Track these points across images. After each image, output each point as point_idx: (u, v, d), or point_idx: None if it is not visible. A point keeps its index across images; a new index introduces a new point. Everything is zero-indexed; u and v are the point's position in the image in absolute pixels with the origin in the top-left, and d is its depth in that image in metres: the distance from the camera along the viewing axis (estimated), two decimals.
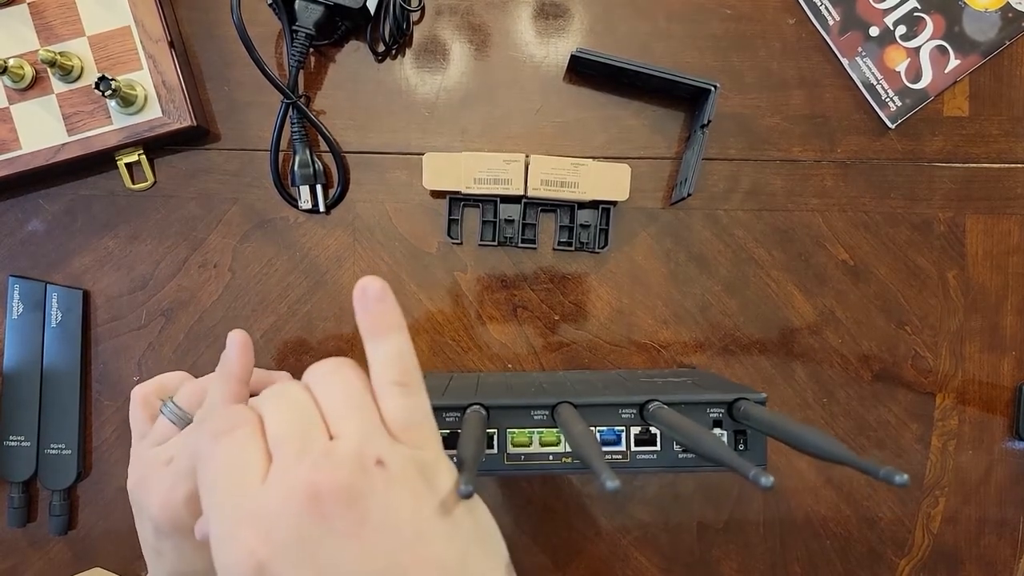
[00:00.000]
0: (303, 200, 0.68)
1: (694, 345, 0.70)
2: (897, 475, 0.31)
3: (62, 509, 0.67)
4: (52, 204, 0.68)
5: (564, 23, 0.69)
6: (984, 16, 0.68)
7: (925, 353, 0.70)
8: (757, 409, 0.46)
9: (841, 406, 0.70)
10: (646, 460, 0.49)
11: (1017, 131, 0.70)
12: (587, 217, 0.69)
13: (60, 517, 0.67)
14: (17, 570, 0.68)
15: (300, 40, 0.64)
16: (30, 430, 0.66)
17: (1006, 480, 0.71)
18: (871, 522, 0.70)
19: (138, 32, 0.64)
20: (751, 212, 0.70)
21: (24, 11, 0.63)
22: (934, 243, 0.70)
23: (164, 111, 0.64)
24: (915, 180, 0.70)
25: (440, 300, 0.69)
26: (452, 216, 0.68)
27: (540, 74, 0.69)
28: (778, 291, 0.70)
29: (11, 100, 0.64)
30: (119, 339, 0.68)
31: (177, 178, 0.69)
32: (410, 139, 0.69)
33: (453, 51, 0.69)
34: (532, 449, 0.49)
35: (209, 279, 0.69)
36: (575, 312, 0.70)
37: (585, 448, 0.39)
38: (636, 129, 0.69)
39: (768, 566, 0.70)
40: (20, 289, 0.67)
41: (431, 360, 0.69)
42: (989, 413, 0.71)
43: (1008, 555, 0.71)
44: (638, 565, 0.70)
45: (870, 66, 0.69)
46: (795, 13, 0.69)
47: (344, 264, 0.69)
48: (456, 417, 0.49)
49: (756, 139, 0.70)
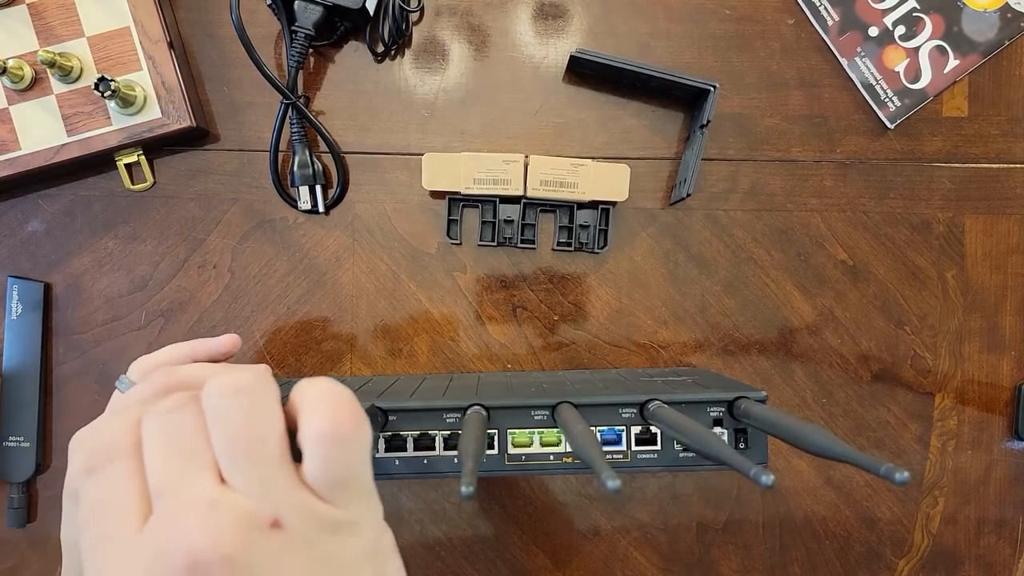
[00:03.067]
0: (302, 201, 0.68)
1: (693, 345, 0.70)
2: (898, 472, 0.31)
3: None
4: (52, 204, 0.68)
5: (563, 23, 0.69)
6: (983, 16, 0.68)
7: (924, 353, 0.70)
8: (758, 407, 0.46)
9: (840, 406, 0.70)
10: (647, 460, 0.49)
11: (1016, 131, 0.70)
12: (586, 217, 0.69)
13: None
14: (17, 570, 0.68)
15: (299, 41, 0.64)
16: (30, 430, 0.66)
17: (1005, 480, 0.71)
18: (870, 522, 0.70)
19: (137, 33, 0.64)
20: (750, 212, 0.70)
21: (23, 12, 0.63)
22: (933, 243, 0.70)
23: (163, 112, 0.64)
24: (914, 180, 0.70)
25: (439, 300, 0.69)
26: (451, 216, 0.68)
27: (539, 74, 0.69)
28: (777, 291, 0.70)
29: (11, 101, 0.64)
30: (119, 339, 0.68)
31: (177, 179, 0.69)
32: (409, 139, 0.69)
33: (452, 52, 0.69)
34: (533, 449, 0.49)
35: (208, 279, 0.69)
36: (574, 312, 0.70)
37: (586, 448, 0.39)
38: (635, 129, 0.70)
39: (767, 566, 0.70)
40: (19, 289, 0.67)
41: (430, 360, 0.69)
42: (988, 413, 0.71)
43: (1007, 555, 0.71)
44: (637, 565, 0.70)
45: (869, 66, 0.69)
46: (794, 13, 0.69)
47: (343, 264, 0.69)
48: (457, 418, 0.49)
49: (755, 139, 0.70)
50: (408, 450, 0.48)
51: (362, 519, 0.31)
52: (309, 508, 0.29)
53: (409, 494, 0.69)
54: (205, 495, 0.27)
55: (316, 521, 0.29)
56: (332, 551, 0.29)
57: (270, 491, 0.28)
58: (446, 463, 0.49)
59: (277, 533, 0.28)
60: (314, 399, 0.31)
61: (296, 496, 0.29)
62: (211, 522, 0.27)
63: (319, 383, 0.31)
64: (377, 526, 0.33)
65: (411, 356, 0.69)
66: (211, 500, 0.27)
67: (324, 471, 0.30)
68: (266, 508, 0.28)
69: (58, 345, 0.68)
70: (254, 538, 0.27)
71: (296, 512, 0.28)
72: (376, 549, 0.32)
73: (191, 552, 0.26)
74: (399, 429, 0.48)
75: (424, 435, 0.49)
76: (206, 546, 0.26)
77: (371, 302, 0.69)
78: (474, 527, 0.69)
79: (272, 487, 0.29)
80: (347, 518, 0.30)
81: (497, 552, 0.69)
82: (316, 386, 0.31)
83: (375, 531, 0.32)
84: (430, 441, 0.49)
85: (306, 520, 0.29)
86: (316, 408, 0.30)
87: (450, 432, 0.49)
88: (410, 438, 0.48)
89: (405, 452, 0.48)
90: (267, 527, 0.27)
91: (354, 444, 0.31)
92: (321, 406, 0.30)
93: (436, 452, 0.49)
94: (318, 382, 0.31)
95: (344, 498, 0.30)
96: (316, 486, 0.30)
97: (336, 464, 0.30)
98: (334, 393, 0.31)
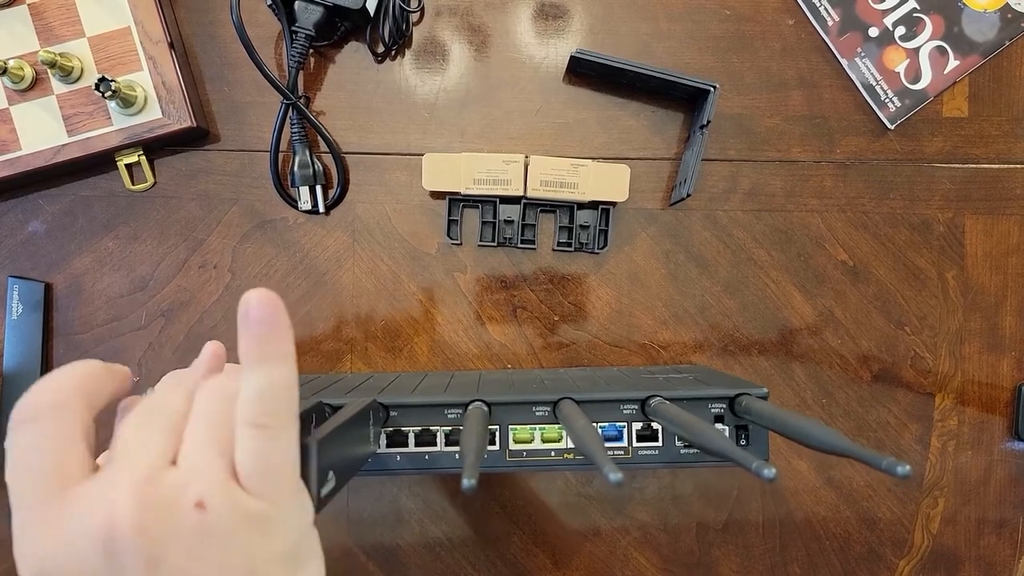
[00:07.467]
0: (303, 201, 0.68)
1: (693, 345, 0.70)
2: (899, 466, 0.31)
3: None
4: (52, 205, 0.68)
5: (564, 24, 0.70)
6: (983, 17, 0.68)
7: (924, 353, 0.70)
8: (759, 404, 0.46)
9: (840, 407, 0.70)
10: (648, 456, 0.49)
11: (1016, 131, 0.70)
12: (586, 218, 0.69)
13: None
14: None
15: (300, 41, 0.64)
16: None
17: (1005, 480, 0.71)
18: (870, 523, 0.70)
19: (138, 33, 0.64)
20: (750, 212, 0.70)
21: (24, 12, 0.64)
22: (933, 243, 0.70)
23: (164, 112, 0.64)
24: (914, 181, 0.70)
25: (440, 301, 0.69)
26: (452, 217, 0.69)
27: (540, 75, 0.70)
28: (777, 291, 0.70)
29: (11, 101, 0.64)
30: (119, 339, 0.68)
31: (177, 179, 0.69)
32: (410, 140, 0.69)
33: (453, 52, 0.69)
34: (534, 445, 0.49)
35: (209, 280, 0.69)
36: (575, 312, 0.70)
37: (587, 442, 0.39)
38: (635, 130, 0.70)
39: (767, 566, 0.70)
40: (20, 290, 0.66)
41: (430, 361, 0.69)
42: (988, 414, 0.71)
43: (1007, 555, 0.71)
44: (637, 565, 0.70)
45: (869, 67, 0.69)
46: (794, 14, 0.69)
47: (344, 265, 0.69)
48: (458, 414, 0.49)
49: (755, 140, 0.70)
50: (409, 446, 0.49)
51: (285, 518, 0.31)
52: (232, 497, 0.29)
53: (409, 494, 0.69)
54: (145, 470, 0.28)
55: (238, 511, 0.29)
56: (248, 544, 0.29)
57: (204, 476, 0.29)
58: (447, 459, 0.49)
59: (199, 515, 0.28)
60: (249, 389, 0.31)
61: (226, 485, 0.30)
62: (138, 494, 0.27)
63: (259, 375, 0.31)
64: (300, 528, 0.33)
65: (411, 356, 0.69)
66: (148, 475, 0.28)
67: (247, 459, 0.30)
68: (196, 488, 0.29)
69: (58, 345, 0.68)
70: (174, 517, 0.28)
71: (220, 498, 0.29)
72: (294, 552, 0.32)
73: (110, 517, 0.27)
74: (400, 425, 0.49)
75: (425, 431, 0.49)
76: (125, 515, 0.27)
77: (371, 302, 0.69)
78: (474, 527, 0.69)
79: (206, 472, 0.29)
80: (269, 514, 0.30)
81: (497, 552, 0.69)
82: (254, 376, 0.31)
83: (297, 533, 0.32)
84: (431, 437, 0.49)
85: (229, 508, 0.29)
86: (249, 400, 0.31)
87: (451, 428, 0.49)
88: (411, 434, 0.49)
89: (406, 448, 0.48)
90: (190, 507, 0.28)
91: (278, 438, 0.31)
92: (252, 397, 0.31)
93: (437, 448, 0.49)
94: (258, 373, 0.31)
95: (269, 493, 0.31)
96: (244, 477, 0.30)
97: (258, 456, 0.30)
98: (268, 392, 0.31)
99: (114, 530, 0.27)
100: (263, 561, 0.30)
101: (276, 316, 0.31)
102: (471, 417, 0.44)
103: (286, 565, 0.31)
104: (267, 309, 0.30)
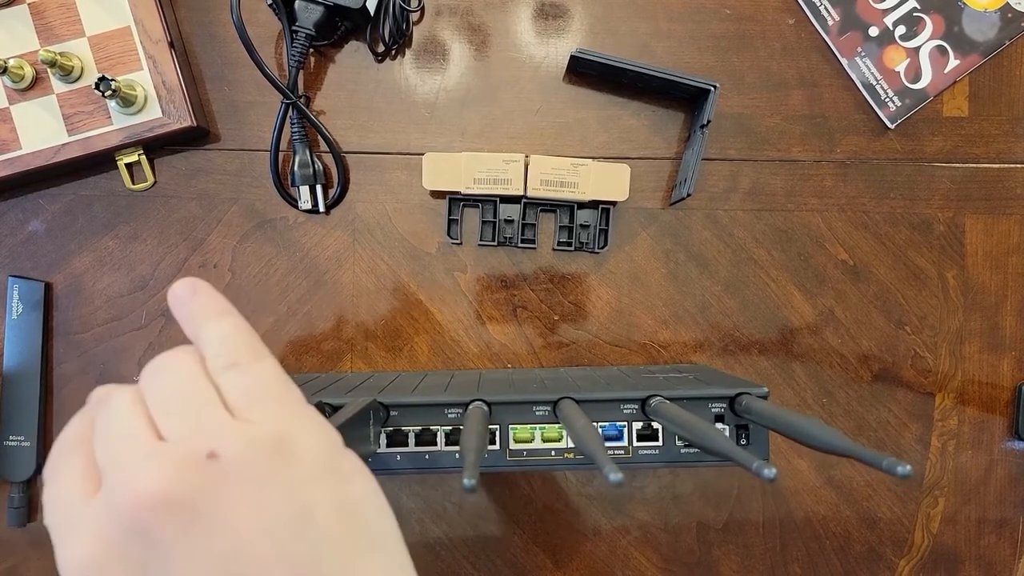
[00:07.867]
0: (303, 200, 0.68)
1: (694, 345, 0.70)
2: (900, 466, 0.31)
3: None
4: (52, 204, 0.68)
5: (564, 23, 0.70)
6: (984, 16, 0.68)
7: (925, 353, 0.70)
8: (759, 403, 0.46)
9: (841, 406, 0.70)
10: (648, 455, 0.49)
11: (1016, 131, 0.70)
12: (587, 217, 0.69)
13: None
14: (17, 570, 0.67)
15: (300, 40, 0.64)
16: (30, 430, 0.66)
17: (1006, 480, 0.71)
18: (870, 522, 0.70)
19: (138, 32, 0.64)
20: (751, 212, 0.70)
21: (24, 11, 0.64)
22: (933, 243, 0.70)
23: (164, 111, 0.64)
24: (914, 180, 0.70)
25: (440, 300, 0.69)
26: (452, 216, 0.68)
27: (540, 74, 0.70)
28: (778, 291, 0.70)
29: (11, 100, 0.64)
30: (119, 339, 0.68)
31: (177, 178, 0.69)
32: (410, 139, 0.69)
33: (453, 51, 0.69)
34: (534, 445, 0.49)
35: (209, 279, 0.68)
36: (575, 312, 0.70)
37: (588, 442, 0.39)
38: (636, 129, 0.70)
39: (768, 566, 0.70)
40: (20, 289, 0.66)
41: (430, 360, 0.69)
42: (989, 413, 0.71)
43: (1008, 555, 0.71)
44: (638, 565, 0.70)
45: (869, 66, 0.69)
46: (794, 13, 0.69)
47: (344, 264, 0.69)
48: (458, 413, 0.49)
49: (756, 139, 0.70)
50: (410, 445, 0.49)
51: (302, 438, 0.30)
52: (240, 434, 0.29)
53: (409, 494, 0.69)
54: (140, 452, 0.28)
55: (252, 445, 0.29)
56: (277, 473, 0.29)
57: (201, 428, 0.29)
58: (448, 458, 0.49)
59: (214, 464, 0.28)
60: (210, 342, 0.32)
61: (227, 425, 0.29)
62: (145, 471, 0.27)
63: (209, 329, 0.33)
64: (325, 444, 0.32)
65: (411, 356, 0.69)
66: (145, 454, 0.28)
67: (239, 397, 0.31)
68: (199, 443, 0.28)
69: (58, 345, 0.68)
70: (190, 475, 0.27)
71: (228, 440, 0.28)
72: (330, 468, 0.31)
73: (133, 503, 0.26)
74: (401, 424, 0.49)
75: (426, 430, 0.49)
76: (146, 493, 0.26)
77: (371, 302, 0.69)
78: (474, 527, 0.69)
79: (201, 424, 0.29)
80: (283, 436, 0.30)
81: (497, 552, 0.69)
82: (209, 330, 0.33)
83: (323, 450, 0.31)
84: (432, 436, 0.49)
85: (242, 445, 0.28)
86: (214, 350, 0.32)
87: (452, 428, 0.49)
88: (412, 433, 0.49)
89: (407, 447, 0.49)
90: (203, 460, 0.28)
91: (256, 366, 0.32)
92: (215, 345, 0.32)
93: (438, 447, 0.49)
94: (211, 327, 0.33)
95: (273, 416, 0.30)
96: (244, 414, 0.30)
97: (246, 389, 0.31)
98: (227, 336, 0.32)
99: (141, 511, 0.26)
100: (299, 483, 0.29)
101: (201, 285, 0.33)
102: (471, 417, 0.45)
103: (326, 481, 0.30)
104: (190, 284, 0.33)
